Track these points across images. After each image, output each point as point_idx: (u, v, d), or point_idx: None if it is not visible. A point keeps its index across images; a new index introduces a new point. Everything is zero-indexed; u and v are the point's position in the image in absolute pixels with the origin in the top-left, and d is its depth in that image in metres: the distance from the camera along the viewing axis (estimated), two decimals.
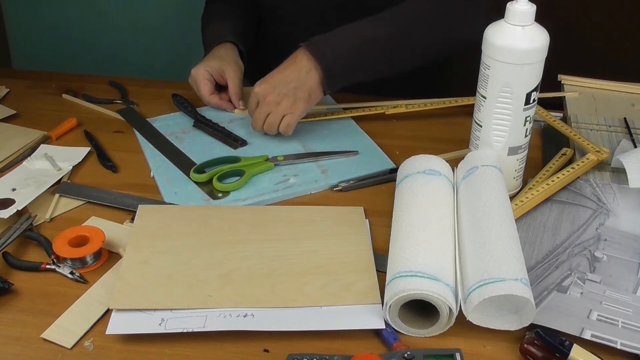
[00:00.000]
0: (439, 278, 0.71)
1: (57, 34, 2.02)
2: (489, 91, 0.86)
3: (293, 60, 1.02)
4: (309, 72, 1.00)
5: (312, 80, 1.00)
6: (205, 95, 1.13)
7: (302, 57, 1.01)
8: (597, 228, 0.87)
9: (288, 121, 1.02)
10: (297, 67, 1.01)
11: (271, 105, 1.01)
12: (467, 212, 0.81)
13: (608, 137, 1.05)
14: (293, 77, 1.00)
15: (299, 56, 1.01)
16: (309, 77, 1.00)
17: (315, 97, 1.02)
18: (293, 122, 1.02)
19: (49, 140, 1.09)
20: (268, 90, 1.01)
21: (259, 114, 1.02)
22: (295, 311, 0.74)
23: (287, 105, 1.01)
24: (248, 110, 1.05)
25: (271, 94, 1.01)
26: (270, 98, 1.01)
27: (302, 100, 1.01)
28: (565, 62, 1.30)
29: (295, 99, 1.00)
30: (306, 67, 1.00)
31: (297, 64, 1.01)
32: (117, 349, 0.71)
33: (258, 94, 1.02)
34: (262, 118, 1.02)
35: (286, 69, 1.01)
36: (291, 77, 1.00)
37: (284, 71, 1.01)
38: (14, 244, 0.85)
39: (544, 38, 0.83)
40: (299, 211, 0.90)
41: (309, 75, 1.00)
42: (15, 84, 1.26)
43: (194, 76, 1.14)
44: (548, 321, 0.72)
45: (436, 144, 1.05)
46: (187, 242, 0.84)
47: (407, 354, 0.67)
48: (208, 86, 1.13)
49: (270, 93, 1.01)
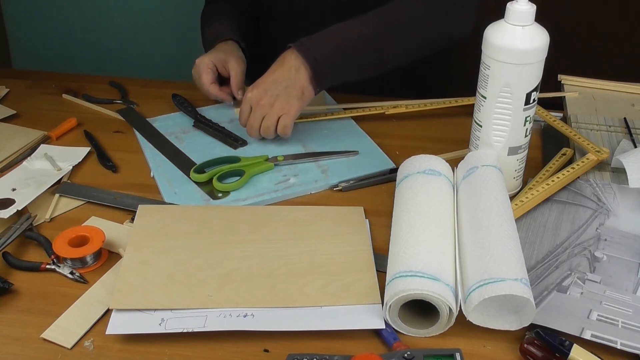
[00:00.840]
0: (439, 278, 0.71)
1: (57, 34, 2.02)
2: (489, 91, 0.86)
3: (281, 61, 1.02)
4: (298, 70, 1.00)
5: (302, 77, 1.00)
6: (206, 83, 1.13)
7: (290, 56, 1.01)
8: (597, 228, 0.87)
9: (285, 122, 1.01)
10: (286, 67, 1.01)
11: (265, 108, 1.01)
12: (467, 212, 0.81)
13: (608, 137, 1.05)
14: (283, 77, 1.00)
15: (287, 56, 1.02)
16: (298, 75, 1.00)
17: (308, 94, 1.02)
18: (290, 123, 1.02)
19: (49, 140, 1.09)
20: (260, 94, 1.01)
21: (254, 118, 1.02)
22: (295, 311, 0.74)
23: (280, 106, 1.00)
24: (240, 116, 1.04)
25: (264, 97, 1.00)
26: (264, 101, 1.00)
27: (295, 99, 1.00)
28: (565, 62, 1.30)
29: (288, 98, 1.00)
30: (295, 65, 1.00)
31: (286, 64, 1.01)
32: (117, 349, 0.71)
33: (251, 99, 1.01)
34: (257, 122, 1.02)
35: (275, 71, 1.01)
36: (281, 77, 1.00)
37: (274, 73, 1.01)
38: (14, 244, 0.85)
39: (544, 38, 0.83)
40: (299, 211, 0.90)
41: (299, 73, 1.00)
42: (15, 84, 1.26)
43: (198, 65, 1.13)
44: (548, 321, 0.72)
45: (436, 144, 1.05)
46: (187, 242, 0.84)
47: (407, 354, 0.67)
48: (210, 75, 1.13)
49: (263, 96, 1.00)
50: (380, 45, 1.04)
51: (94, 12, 1.98)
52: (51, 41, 2.03)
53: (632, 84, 1.20)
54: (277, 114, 1.01)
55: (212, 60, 1.13)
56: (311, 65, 1.00)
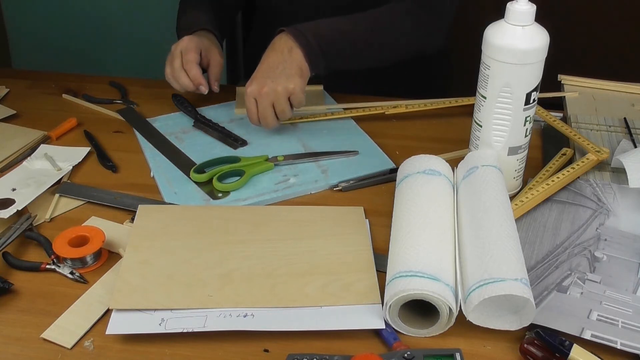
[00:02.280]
0: (439, 278, 0.71)
1: (57, 34, 2.02)
2: (489, 91, 0.86)
3: (272, 46, 1.03)
4: (291, 50, 1.01)
5: (296, 56, 1.01)
6: (192, 60, 1.09)
7: (280, 39, 1.02)
8: (597, 228, 0.87)
9: (297, 100, 1.02)
10: (279, 50, 1.01)
11: (270, 95, 1.00)
12: (467, 212, 0.81)
13: (608, 137, 1.05)
14: (278, 60, 1.01)
15: (277, 40, 1.02)
16: (292, 55, 1.01)
17: (306, 71, 1.02)
18: (302, 98, 1.02)
19: (49, 140, 1.09)
20: (260, 83, 1.00)
21: (264, 109, 1.01)
22: (295, 311, 0.74)
23: (284, 87, 1.00)
24: (248, 112, 1.03)
25: (264, 85, 1.00)
26: (266, 89, 1.00)
27: (296, 76, 1.00)
28: (565, 62, 1.30)
29: (289, 77, 1.00)
30: (287, 46, 1.01)
31: (277, 47, 1.02)
32: (117, 349, 0.71)
33: (252, 92, 1.01)
34: (269, 111, 1.02)
35: (268, 57, 1.02)
36: (276, 60, 1.01)
37: (267, 59, 1.02)
38: (14, 244, 0.85)
39: (544, 38, 0.83)
40: (299, 211, 0.90)
41: (292, 53, 1.01)
42: (15, 84, 1.26)
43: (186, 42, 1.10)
44: (548, 321, 0.72)
45: (436, 144, 1.05)
46: (187, 242, 0.84)
47: (407, 354, 0.67)
48: (197, 55, 1.10)
49: (263, 85, 1.00)
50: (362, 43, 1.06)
51: (94, 13, 1.98)
52: (51, 41, 2.03)
53: (632, 84, 1.20)
54: (285, 96, 1.01)
55: (198, 44, 1.11)
56: (303, 44, 1.01)
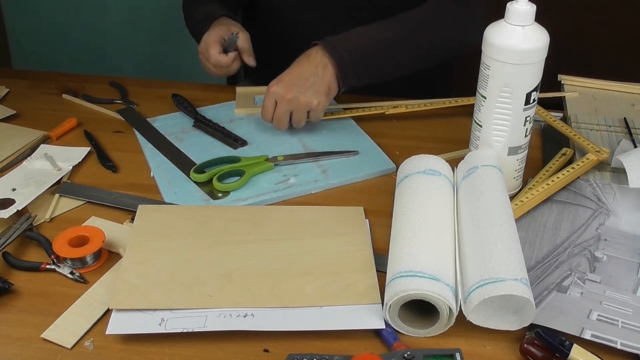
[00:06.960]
0: (439, 278, 0.71)
1: (57, 34, 2.02)
2: (489, 91, 0.86)
3: (307, 58, 1.03)
4: (325, 67, 1.02)
5: (329, 74, 1.02)
6: (214, 54, 1.12)
7: (317, 53, 1.03)
8: (597, 228, 0.87)
9: (316, 116, 1.04)
10: (313, 63, 1.02)
11: (292, 103, 1.01)
12: (467, 212, 0.81)
13: (608, 137, 1.05)
14: (310, 72, 1.02)
15: (313, 53, 1.03)
16: (325, 72, 1.02)
17: (333, 91, 1.04)
18: (320, 116, 1.04)
19: (49, 140, 1.09)
20: (285, 88, 1.01)
21: (282, 114, 1.03)
22: (295, 311, 0.74)
23: (308, 101, 1.01)
24: (264, 110, 1.04)
25: (290, 92, 1.01)
26: (290, 96, 1.01)
27: (323, 94, 1.02)
28: (565, 62, 1.30)
29: (315, 93, 1.01)
30: (322, 62, 1.02)
31: (313, 60, 1.03)
32: (117, 349, 0.71)
33: (276, 94, 1.02)
34: (285, 116, 1.03)
35: (302, 66, 1.03)
36: (308, 72, 1.02)
37: (299, 68, 1.02)
38: (14, 244, 0.85)
39: (544, 38, 0.83)
40: (299, 211, 0.90)
41: (326, 70, 1.02)
42: (15, 84, 1.26)
43: (205, 40, 1.13)
44: (548, 321, 0.72)
45: (436, 144, 1.05)
46: (187, 242, 0.84)
47: (407, 354, 0.67)
48: (218, 47, 1.12)
49: (289, 91, 1.01)
50: (400, 49, 1.07)
51: (93, 12, 1.98)
52: (51, 41, 2.03)
53: (632, 84, 1.20)
54: (305, 109, 1.02)
55: (217, 34, 1.13)
56: (337, 63, 1.02)
